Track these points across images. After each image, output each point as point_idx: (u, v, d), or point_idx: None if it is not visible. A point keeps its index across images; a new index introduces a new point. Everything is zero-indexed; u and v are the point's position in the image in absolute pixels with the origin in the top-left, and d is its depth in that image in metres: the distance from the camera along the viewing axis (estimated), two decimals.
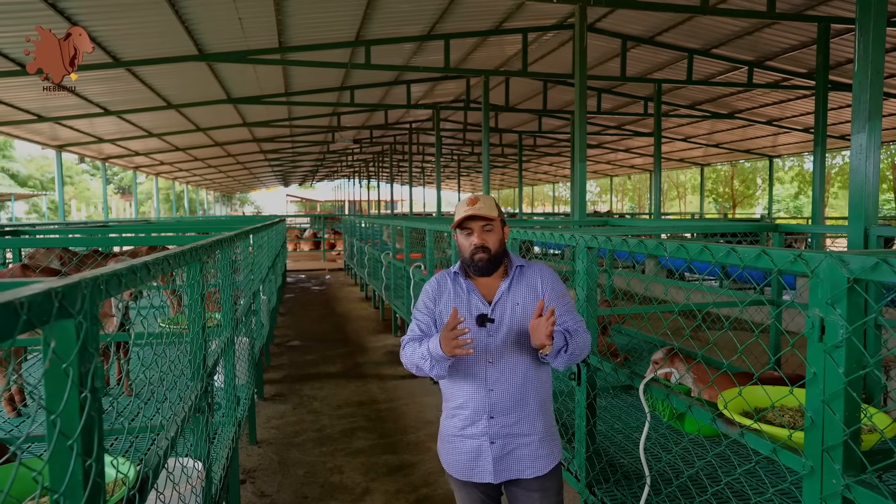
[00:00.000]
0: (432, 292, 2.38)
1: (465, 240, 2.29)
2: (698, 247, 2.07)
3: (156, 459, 1.74)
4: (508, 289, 2.31)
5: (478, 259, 2.26)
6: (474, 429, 2.26)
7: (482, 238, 2.25)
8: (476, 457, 2.26)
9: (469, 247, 2.28)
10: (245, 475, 4.77)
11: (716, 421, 2.05)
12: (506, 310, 2.29)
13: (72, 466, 1.06)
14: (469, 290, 2.33)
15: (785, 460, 1.76)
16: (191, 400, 2.29)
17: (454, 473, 2.33)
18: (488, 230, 2.26)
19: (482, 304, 2.30)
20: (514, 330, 2.26)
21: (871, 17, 3.92)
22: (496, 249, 2.28)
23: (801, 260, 1.63)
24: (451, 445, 2.33)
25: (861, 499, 1.46)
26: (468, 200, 2.29)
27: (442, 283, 2.39)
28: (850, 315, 1.49)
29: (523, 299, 2.30)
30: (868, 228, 3.89)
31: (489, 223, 2.26)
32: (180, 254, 2.11)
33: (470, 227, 2.26)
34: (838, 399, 1.52)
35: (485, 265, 2.27)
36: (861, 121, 4.00)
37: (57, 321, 1.05)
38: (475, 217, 2.24)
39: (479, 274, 2.31)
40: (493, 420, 2.24)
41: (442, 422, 2.41)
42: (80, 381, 1.11)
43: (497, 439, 2.24)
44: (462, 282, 2.35)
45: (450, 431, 2.34)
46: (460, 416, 2.29)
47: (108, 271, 1.33)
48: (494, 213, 2.27)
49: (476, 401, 2.26)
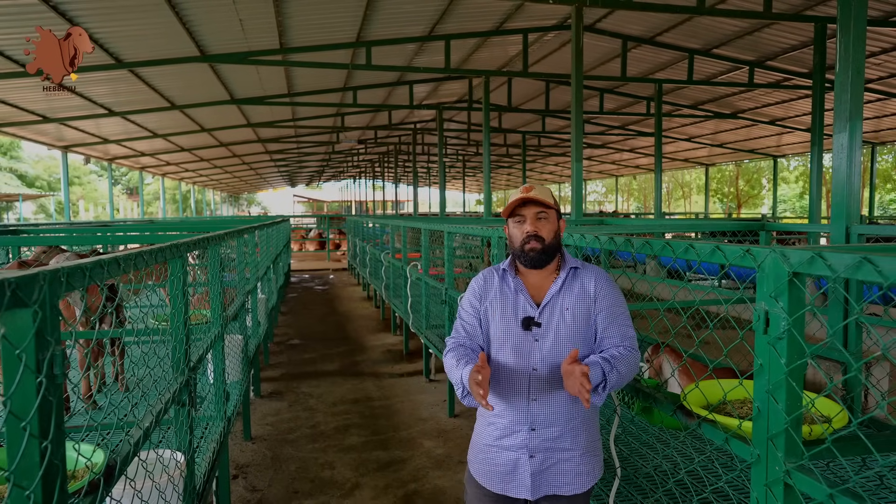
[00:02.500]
0: (478, 289, 2.21)
1: (517, 228, 2.11)
2: (660, 243, 2.11)
3: (127, 448, 1.80)
4: (559, 291, 2.12)
5: (529, 249, 2.08)
6: (512, 440, 2.08)
7: (535, 226, 2.07)
8: (513, 470, 2.08)
9: (521, 235, 2.09)
10: (237, 470, 4.84)
11: (676, 413, 2.09)
12: (554, 314, 2.09)
13: (23, 447, 1.12)
14: (517, 289, 2.14)
15: (736, 449, 1.80)
16: (170, 393, 2.35)
17: (488, 485, 2.14)
18: (542, 218, 2.09)
19: (530, 305, 2.12)
20: (563, 337, 2.07)
21: (851, 18, 3.94)
22: (550, 240, 2.09)
23: (749, 255, 1.68)
24: (485, 455, 2.15)
25: (799, 483, 1.50)
26: (522, 189, 2.12)
27: (488, 280, 2.21)
28: (790, 308, 1.54)
29: (573, 304, 2.11)
30: (849, 227, 3.93)
31: (544, 211, 2.09)
32: (158, 250, 2.17)
33: (523, 213, 2.09)
34: (781, 389, 1.56)
35: (537, 256, 2.08)
36: (842, 121, 4.03)
37: (10, 310, 1.12)
38: (529, 202, 2.08)
39: (531, 266, 2.11)
40: (535, 432, 2.06)
41: (476, 429, 2.23)
42: (37, 368, 1.17)
43: (537, 453, 2.06)
44: (510, 280, 2.16)
45: (485, 440, 2.16)
46: (497, 424, 2.12)
47: (72, 265, 1.39)
48: (551, 200, 2.10)
49: (516, 411, 2.08)
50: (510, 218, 2.14)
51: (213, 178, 36.75)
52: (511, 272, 2.17)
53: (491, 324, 2.15)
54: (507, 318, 2.12)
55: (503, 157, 29.75)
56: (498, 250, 4.13)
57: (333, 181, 55.61)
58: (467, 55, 13.68)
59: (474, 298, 2.20)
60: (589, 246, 2.69)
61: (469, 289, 2.26)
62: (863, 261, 1.30)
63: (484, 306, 2.16)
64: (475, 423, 2.28)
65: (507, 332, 2.11)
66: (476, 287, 2.22)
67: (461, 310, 2.23)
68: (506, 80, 15.88)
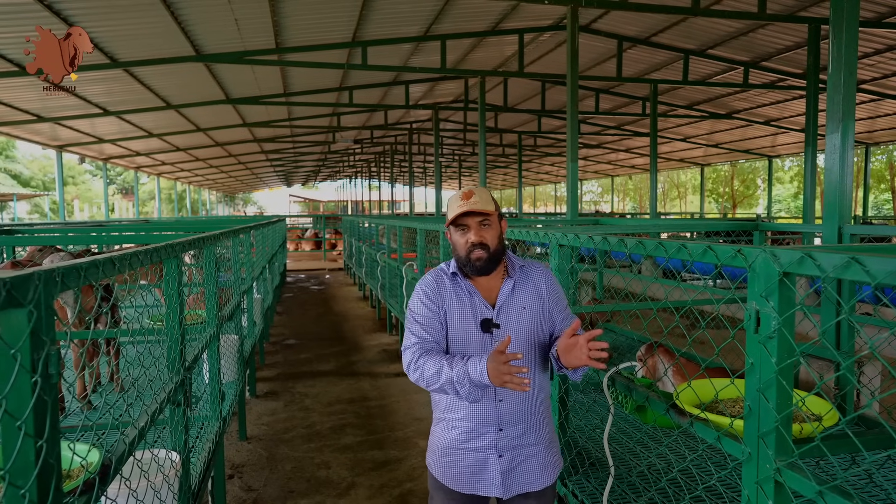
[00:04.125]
0: (431, 292, 2.14)
1: (461, 237, 2.08)
2: (653, 243, 2.13)
3: (122, 447, 1.81)
4: (512, 291, 2.13)
5: (475, 258, 2.05)
6: (479, 441, 2.08)
7: (480, 235, 2.05)
8: (481, 469, 2.09)
9: (465, 245, 2.06)
10: (233, 470, 4.85)
11: (669, 412, 2.11)
12: (511, 314, 2.11)
13: (19, 446, 1.13)
14: (471, 291, 2.12)
15: (728, 448, 1.82)
16: (165, 392, 2.36)
17: (455, 486, 2.12)
18: (486, 225, 2.06)
19: (485, 307, 2.11)
20: (523, 336, 2.10)
21: (844, 19, 3.97)
22: (495, 247, 2.08)
23: (741, 255, 1.70)
24: (451, 458, 2.13)
25: (790, 481, 1.52)
26: (462, 195, 2.08)
27: (440, 282, 2.16)
28: (781, 307, 1.55)
29: (530, 303, 2.13)
30: (842, 227, 3.95)
31: (486, 218, 2.06)
32: (153, 250, 2.18)
33: (466, 223, 2.06)
34: (771, 388, 1.58)
35: (483, 264, 2.06)
36: (835, 121, 4.05)
37: (5, 310, 1.13)
38: (471, 213, 2.04)
39: (478, 274, 2.10)
40: (503, 432, 2.08)
41: (437, 434, 2.20)
42: (32, 367, 1.18)
43: (506, 452, 2.08)
44: (461, 282, 2.13)
45: (449, 444, 2.13)
46: (462, 428, 2.10)
47: (67, 265, 1.40)
48: (491, 207, 2.07)
49: (483, 412, 2.08)
50: (452, 226, 2.10)
51: (208, 177, 36.67)
52: (461, 274, 2.15)
53: (450, 327, 2.11)
54: (465, 321, 2.10)
55: (499, 157, 29.75)
56: None
57: (329, 181, 55.56)
58: (463, 55, 13.69)
59: (429, 301, 2.12)
60: (584, 246, 2.71)
61: (420, 292, 2.16)
62: (851, 261, 1.32)
63: (443, 309, 2.12)
64: (433, 426, 2.25)
65: (467, 335, 2.10)
66: (429, 290, 2.15)
67: (414, 315, 2.13)
68: (502, 81, 15.89)
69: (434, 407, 2.25)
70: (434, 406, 2.24)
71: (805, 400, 2.07)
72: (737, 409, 2.25)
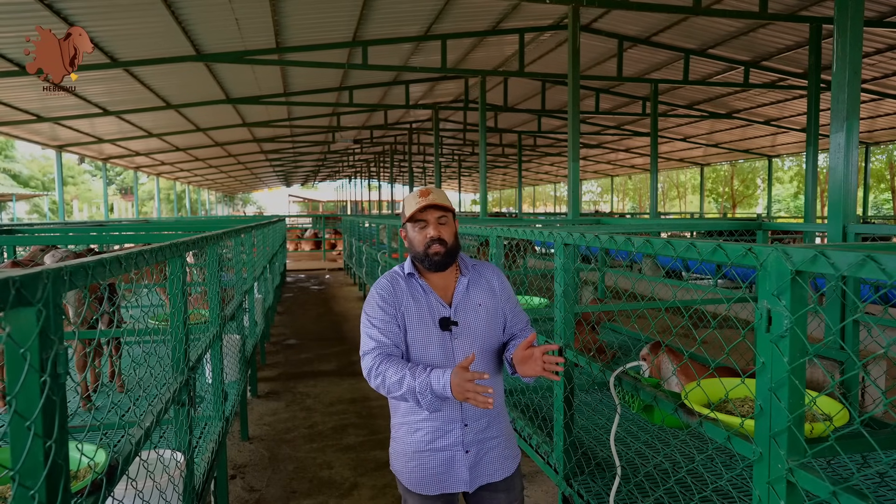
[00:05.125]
0: (388, 295, 2.16)
1: (419, 233, 2.13)
2: (662, 242, 2.12)
3: (128, 448, 1.79)
4: (467, 289, 2.21)
5: (433, 253, 2.11)
6: (445, 440, 2.13)
7: (438, 230, 2.11)
8: (448, 469, 2.13)
9: (423, 240, 2.12)
10: (235, 470, 4.83)
11: (678, 412, 2.10)
12: (468, 312, 2.18)
13: (28, 447, 1.12)
14: (427, 291, 2.18)
15: (738, 447, 1.81)
16: (170, 392, 2.35)
17: (423, 490, 2.15)
18: (443, 222, 2.13)
19: (442, 306, 2.17)
20: (480, 332, 2.18)
21: (849, 17, 3.96)
22: (452, 243, 2.14)
23: (752, 254, 1.68)
24: (417, 462, 2.14)
25: (802, 481, 1.51)
26: (419, 192, 2.14)
27: (396, 285, 2.19)
28: (793, 306, 1.54)
29: (485, 300, 2.21)
30: (846, 226, 3.94)
31: (444, 215, 2.13)
32: (158, 249, 2.17)
33: (424, 218, 2.12)
34: (783, 387, 1.57)
35: (441, 258, 2.12)
36: (839, 120, 4.04)
37: (14, 308, 1.11)
38: (430, 207, 2.11)
39: (435, 269, 2.15)
40: (468, 427, 2.14)
41: (399, 439, 2.20)
42: (41, 367, 1.16)
43: (471, 447, 2.14)
44: (417, 282, 2.18)
45: (414, 448, 2.15)
46: (426, 429, 2.13)
47: (74, 263, 1.39)
48: (449, 204, 2.15)
49: (449, 410, 2.12)
50: (410, 223, 2.15)
51: (208, 177, 36.66)
52: (416, 274, 2.19)
53: (409, 328, 2.13)
54: (424, 321, 2.14)
55: (499, 156, 29.77)
56: (497, 249, 4.13)
57: (329, 181, 55.59)
58: (463, 55, 13.69)
59: (386, 304, 2.14)
60: (591, 245, 2.69)
61: (375, 296, 2.17)
62: (866, 259, 1.30)
63: (400, 311, 2.14)
64: (394, 432, 2.25)
65: (428, 334, 2.13)
66: (384, 293, 2.16)
67: (371, 319, 2.13)
68: (502, 80, 15.88)
69: (393, 411, 2.25)
70: (393, 411, 2.25)
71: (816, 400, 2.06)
72: (745, 409, 2.24)
